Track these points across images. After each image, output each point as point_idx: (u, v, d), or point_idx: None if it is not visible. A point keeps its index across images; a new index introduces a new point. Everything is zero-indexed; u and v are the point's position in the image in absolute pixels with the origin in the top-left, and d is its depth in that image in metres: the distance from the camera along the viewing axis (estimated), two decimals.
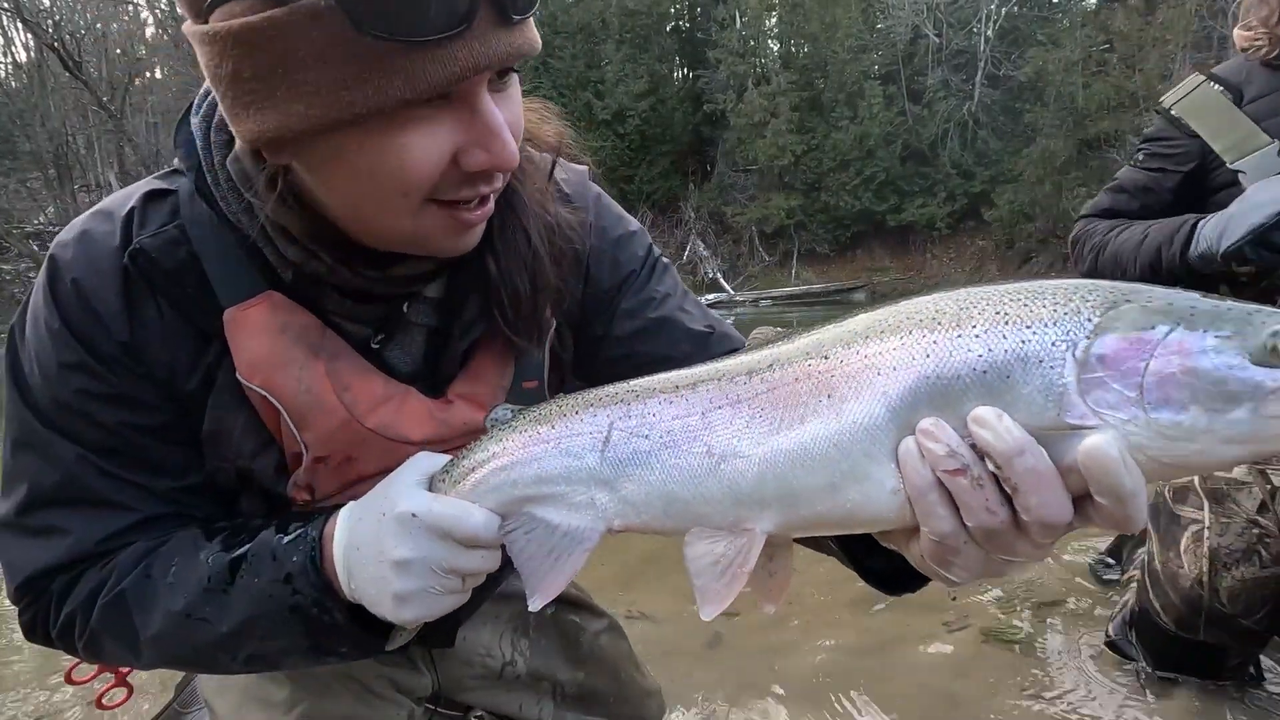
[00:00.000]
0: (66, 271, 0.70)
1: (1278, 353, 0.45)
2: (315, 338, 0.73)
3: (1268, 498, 1.54)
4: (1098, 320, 0.48)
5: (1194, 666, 1.69)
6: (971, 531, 0.50)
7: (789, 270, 23.12)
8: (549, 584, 0.63)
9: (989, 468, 0.49)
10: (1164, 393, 0.46)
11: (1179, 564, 1.65)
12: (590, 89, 22.60)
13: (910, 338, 0.52)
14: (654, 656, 1.99)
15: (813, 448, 0.54)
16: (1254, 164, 1.47)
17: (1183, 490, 1.69)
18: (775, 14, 23.96)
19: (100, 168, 24.15)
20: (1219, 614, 1.60)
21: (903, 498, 0.52)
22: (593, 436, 0.63)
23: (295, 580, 0.68)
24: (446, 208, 0.65)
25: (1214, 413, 0.45)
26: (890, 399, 0.52)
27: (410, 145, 0.59)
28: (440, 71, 0.55)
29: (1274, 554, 1.55)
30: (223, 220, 0.70)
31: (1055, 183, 19.39)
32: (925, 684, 1.81)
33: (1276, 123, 1.48)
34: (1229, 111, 1.52)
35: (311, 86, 0.55)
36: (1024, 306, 0.50)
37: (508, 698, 1.20)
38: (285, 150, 0.62)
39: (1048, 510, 0.48)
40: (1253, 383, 0.45)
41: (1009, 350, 0.49)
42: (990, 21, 22.48)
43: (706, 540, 0.60)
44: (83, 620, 0.72)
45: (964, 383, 0.50)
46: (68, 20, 22.44)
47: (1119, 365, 0.47)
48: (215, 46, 0.57)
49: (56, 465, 0.72)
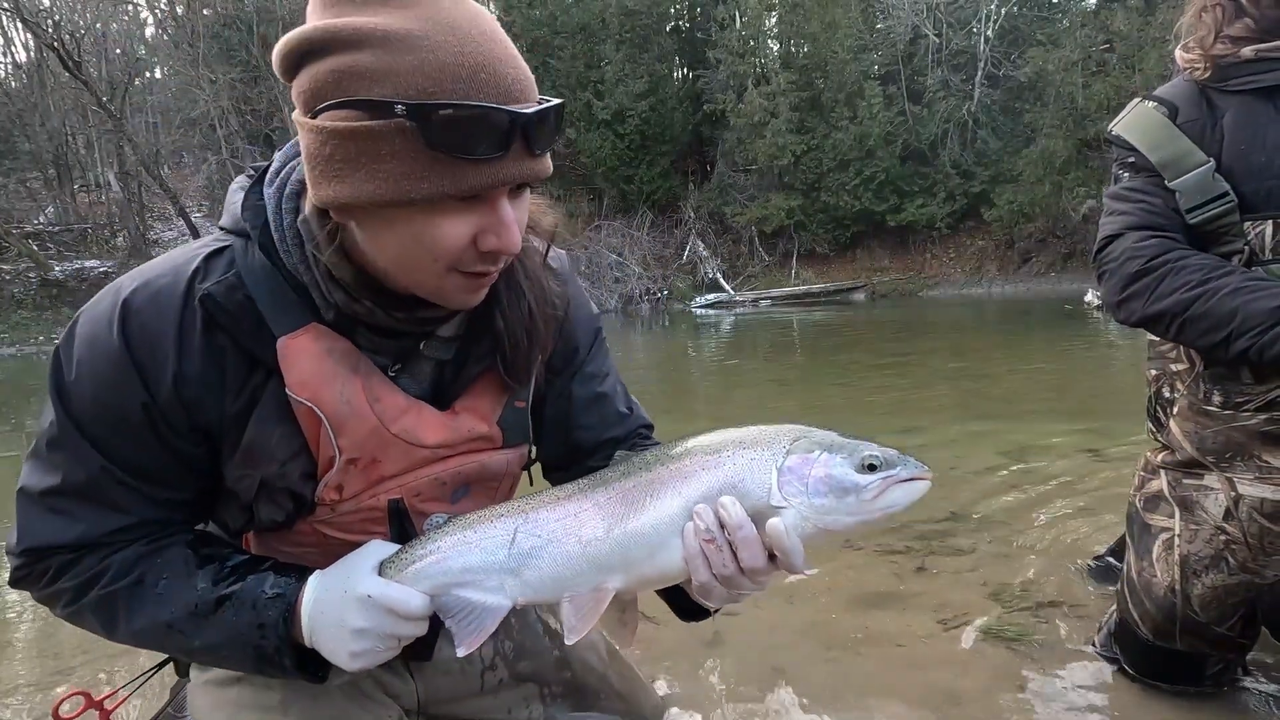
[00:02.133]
0: (137, 315, 0.85)
1: (871, 468, 0.82)
2: (353, 360, 0.91)
3: (1232, 505, 1.53)
4: (788, 448, 0.85)
5: (1174, 675, 1.69)
6: (717, 578, 0.84)
7: (789, 270, 23.10)
8: (472, 641, 0.89)
9: (726, 537, 0.82)
10: (815, 487, 0.82)
11: (1153, 573, 1.65)
12: (590, 89, 22.58)
13: (694, 460, 0.88)
14: (654, 656, 1.99)
15: (641, 531, 0.87)
16: (1190, 184, 1.46)
17: (1154, 499, 1.68)
18: (775, 14, 23.93)
19: (100, 168, 24.15)
20: (1193, 622, 1.60)
21: (683, 560, 0.85)
22: (503, 538, 0.90)
23: (266, 630, 0.88)
24: (463, 275, 0.84)
25: (839, 498, 0.82)
26: (683, 498, 0.86)
27: (444, 226, 0.79)
28: (478, 181, 0.76)
29: (1240, 561, 1.54)
30: (277, 269, 0.87)
31: (1055, 183, 19.38)
32: (925, 683, 1.81)
33: (1207, 143, 1.46)
34: (1166, 129, 1.50)
35: (384, 175, 0.75)
36: (753, 439, 0.87)
37: (494, 703, 1.23)
38: (352, 214, 0.80)
39: (755, 562, 0.83)
40: (855, 482, 0.82)
41: (744, 465, 0.85)
42: (990, 21, 22.47)
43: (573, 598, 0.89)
44: (71, 598, 0.90)
45: (720, 486, 0.85)
46: (68, 20, 22.42)
47: (796, 472, 0.83)
48: (320, 136, 0.76)
49: (84, 468, 0.87)
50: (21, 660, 2.28)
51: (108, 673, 2.13)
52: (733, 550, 0.82)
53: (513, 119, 0.74)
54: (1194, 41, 1.52)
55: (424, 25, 0.73)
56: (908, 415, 5.05)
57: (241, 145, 22.51)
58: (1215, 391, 1.53)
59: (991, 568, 2.46)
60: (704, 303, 21.64)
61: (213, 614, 0.88)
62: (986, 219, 21.19)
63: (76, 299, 20.27)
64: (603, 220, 23.26)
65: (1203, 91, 1.50)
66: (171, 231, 24.34)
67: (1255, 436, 1.49)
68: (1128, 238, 1.50)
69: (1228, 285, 1.37)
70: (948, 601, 2.23)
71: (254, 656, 0.89)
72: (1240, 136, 1.44)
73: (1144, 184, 1.53)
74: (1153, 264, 1.45)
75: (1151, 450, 1.74)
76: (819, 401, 6.36)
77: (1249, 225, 1.43)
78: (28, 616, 2.62)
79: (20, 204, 22.81)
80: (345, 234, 0.83)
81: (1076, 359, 8.02)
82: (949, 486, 3.41)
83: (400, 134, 0.73)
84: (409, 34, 0.72)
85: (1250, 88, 1.45)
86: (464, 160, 0.74)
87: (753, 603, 2.27)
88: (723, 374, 8.90)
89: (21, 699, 2.04)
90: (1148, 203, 1.51)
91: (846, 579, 2.44)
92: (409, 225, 0.78)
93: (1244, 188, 1.42)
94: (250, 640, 0.88)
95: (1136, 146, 1.52)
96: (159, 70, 27.57)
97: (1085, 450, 3.87)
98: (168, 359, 0.85)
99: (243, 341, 0.87)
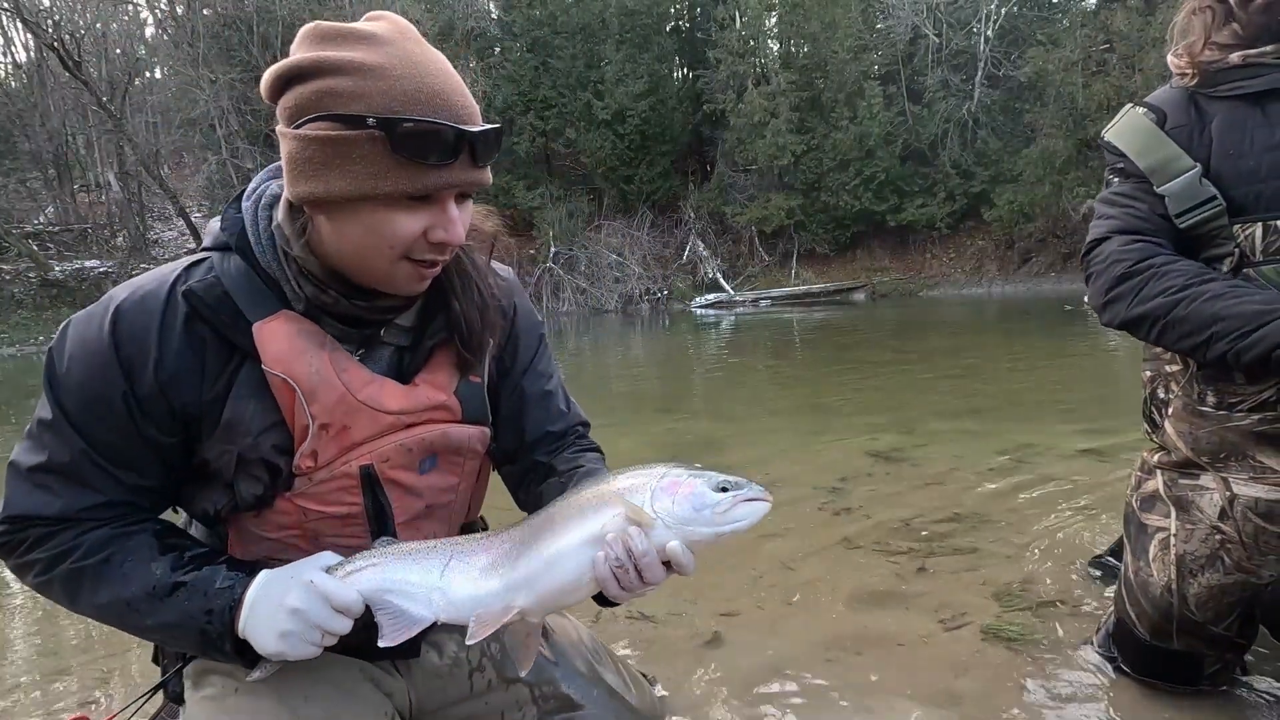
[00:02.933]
0: (125, 315, 0.97)
1: (724, 489, 0.98)
2: (320, 338, 1.02)
3: (1227, 504, 1.54)
4: (661, 475, 1.01)
5: (1171, 675, 1.68)
6: (622, 587, 0.97)
7: (789, 270, 23.10)
8: (396, 636, 1.00)
9: (633, 562, 0.96)
10: (679, 503, 0.98)
11: (1149, 573, 1.65)
12: (590, 89, 22.56)
13: (585, 495, 1.03)
14: (654, 656, 1.99)
15: (547, 559, 1.01)
16: (1178, 189, 1.48)
17: (1150, 499, 1.68)
18: (775, 14, 23.92)
19: (100, 167, 24.13)
20: (1190, 621, 1.60)
21: (593, 582, 0.99)
22: (439, 561, 1.04)
23: (213, 616, 0.97)
24: (412, 264, 0.98)
25: (697, 511, 0.98)
26: (583, 530, 1.00)
27: (400, 220, 0.94)
28: (431, 182, 0.92)
29: (1235, 560, 1.54)
30: (252, 269, 1.00)
31: (1055, 183, 19.37)
32: (925, 683, 1.81)
33: (1196, 148, 1.48)
34: (1154, 135, 1.52)
35: (354, 175, 0.90)
36: (634, 473, 1.03)
37: (487, 708, 1.25)
38: (322, 209, 0.95)
39: (657, 577, 0.97)
40: (711, 500, 0.98)
41: (625, 488, 1.01)
42: (990, 21, 22.47)
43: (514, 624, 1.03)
44: (42, 570, 0.99)
45: (610, 511, 1.00)
46: (68, 20, 22.40)
47: (667, 492, 0.99)
48: (301, 142, 0.91)
49: (67, 449, 0.97)
50: (21, 660, 2.28)
51: (106, 672, 2.13)
52: (638, 571, 0.96)
53: (460, 134, 0.92)
54: (1183, 48, 1.54)
55: (392, 60, 0.91)
56: (908, 415, 5.05)
57: (241, 145, 22.48)
58: (1209, 392, 1.54)
59: (992, 568, 2.46)
60: (704, 303, 21.64)
61: (168, 597, 0.98)
62: (986, 219, 21.18)
63: (76, 299, 20.26)
64: (603, 220, 23.25)
65: (1192, 97, 1.52)
66: (171, 231, 24.34)
67: (1249, 436, 1.50)
68: (1114, 241, 1.53)
69: (1210, 290, 1.39)
70: (948, 601, 2.23)
71: (199, 640, 0.99)
72: (1228, 141, 1.46)
73: (1132, 189, 1.55)
74: (1137, 268, 1.47)
75: (1148, 451, 1.74)
76: (819, 401, 6.36)
77: (1238, 228, 1.45)
78: (28, 616, 2.62)
79: (20, 204, 22.77)
80: (313, 229, 0.97)
81: (1076, 359, 8.02)
82: (949, 486, 3.41)
83: (370, 142, 0.89)
84: (380, 65, 0.90)
85: (1238, 93, 1.47)
86: (421, 165, 0.90)
87: (753, 603, 2.28)
88: (723, 374, 8.90)
89: (22, 699, 2.04)
90: (1134, 208, 1.54)
91: (846, 579, 2.44)
92: (370, 218, 0.93)
93: (1233, 192, 1.45)
94: (198, 624, 0.98)
95: (1125, 153, 1.55)
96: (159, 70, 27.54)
97: (1086, 450, 3.87)
98: (151, 349, 0.96)
99: (222, 330, 0.99)
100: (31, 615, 2.62)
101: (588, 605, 1.22)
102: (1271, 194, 1.42)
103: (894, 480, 3.56)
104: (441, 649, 1.26)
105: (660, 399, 7.19)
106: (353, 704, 1.12)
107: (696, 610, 2.23)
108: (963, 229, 22.36)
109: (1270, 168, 1.42)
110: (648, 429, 5.35)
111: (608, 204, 23.56)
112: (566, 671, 1.31)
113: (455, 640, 1.28)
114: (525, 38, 23.31)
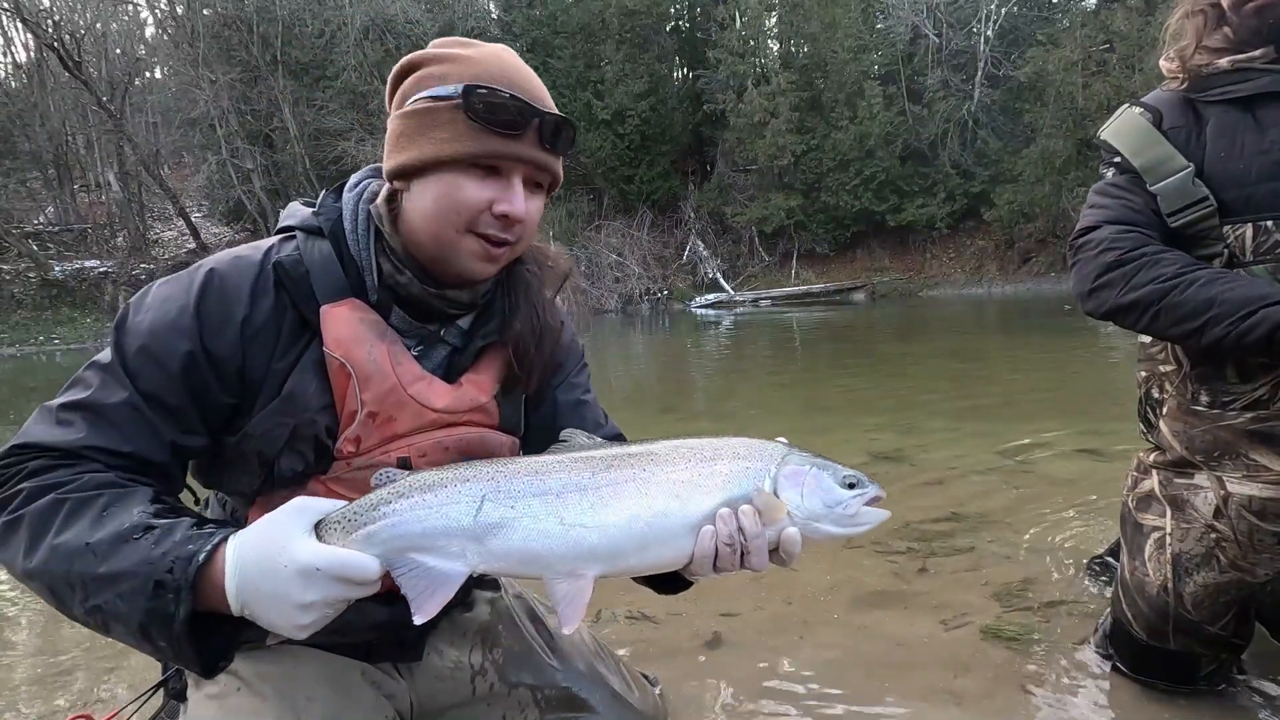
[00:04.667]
0: (218, 274, 1.02)
1: (850, 486, 0.97)
2: (381, 329, 1.06)
3: (1221, 503, 1.54)
4: (780, 461, 0.97)
5: (1168, 675, 1.68)
6: (717, 567, 0.95)
7: (789, 270, 23.12)
8: (430, 607, 0.89)
9: (742, 541, 0.93)
10: (808, 498, 0.95)
11: (1145, 572, 1.65)
12: (590, 89, 22.59)
13: (691, 467, 0.96)
14: (654, 656, 1.99)
15: (636, 526, 0.91)
16: (1170, 189, 1.49)
17: (1146, 498, 1.68)
18: (775, 14, 23.94)
19: (100, 168, 24.13)
20: (1186, 621, 1.60)
21: (690, 555, 0.94)
22: (469, 504, 0.89)
23: (175, 566, 0.83)
24: (478, 239, 1.03)
25: (828, 509, 0.95)
26: (691, 504, 0.93)
27: (470, 187, 1.01)
28: (499, 149, 1.00)
29: (1230, 559, 1.55)
30: (337, 255, 1.07)
31: (1055, 183, 19.39)
32: (925, 683, 1.81)
33: (1191, 149, 1.50)
34: (1150, 134, 1.54)
35: (435, 141, 1.00)
36: (746, 451, 0.98)
37: (489, 711, 1.26)
38: (409, 178, 1.03)
39: (762, 563, 0.96)
40: (840, 497, 0.96)
41: (740, 474, 0.96)
42: (990, 21, 22.48)
43: (560, 583, 0.90)
44: (21, 502, 0.88)
45: (725, 495, 0.94)
46: (67, 20, 22.41)
47: (793, 482, 0.96)
48: (400, 120, 1.04)
49: (110, 391, 0.95)
50: (21, 660, 2.28)
51: (106, 672, 2.13)
52: (743, 552, 0.93)
53: (527, 108, 1.00)
54: (1175, 52, 1.57)
55: (482, 54, 1.04)
56: (908, 415, 5.05)
57: (241, 145, 22.49)
58: (1202, 391, 1.55)
59: (992, 568, 2.46)
60: (704, 303, 21.65)
61: (134, 539, 0.84)
62: (986, 219, 21.20)
63: (76, 299, 20.28)
64: (603, 220, 23.27)
65: (1188, 99, 1.54)
66: (171, 231, 24.35)
67: (1242, 435, 1.50)
68: (1105, 230, 1.55)
69: (1203, 277, 1.41)
70: (948, 601, 2.23)
71: (147, 600, 0.82)
72: (1220, 144, 1.48)
73: (1127, 183, 1.57)
74: (1129, 255, 1.49)
75: (1143, 450, 1.75)
76: (819, 401, 6.36)
77: (1229, 229, 1.47)
78: (28, 616, 2.62)
79: (20, 204, 22.76)
80: (400, 205, 1.06)
81: (1076, 359, 8.02)
82: (949, 486, 3.41)
83: (451, 110, 0.99)
84: (470, 57, 1.03)
85: (1229, 97, 1.49)
86: (491, 132, 0.99)
87: (753, 603, 2.28)
88: (723, 373, 8.90)
89: (21, 699, 2.04)
90: (1127, 199, 1.55)
91: (847, 579, 2.44)
92: (445, 183, 1.01)
93: (1224, 194, 1.46)
94: (153, 573, 0.82)
95: (1121, 151, 1.57)
96: (159, 70, 27.55)
97: (1085, 450, 3.87)
98: (241, 307, 1.01)
99: (299, 303, 1.04)
100: (32, 615, 2.62)
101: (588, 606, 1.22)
102: (1262, 196, 1.43)
103: (894, 480, 3.55)
104: (443, 652, 1.26)
105: (661, 399, 7.19)
106: (354, 706, 1.12)
107: (696, 610, 2.23)
108: (963, 229, 22.37)
109: (1260, 171, 1.44)
110: (649, 429, 5.34)
111: (608, 204, 23.59)
112: (568, 673, 1.31)
113: (456, 644, 1.29)
114: (525, 38, 23.31)
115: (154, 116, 25.70)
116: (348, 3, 22.00)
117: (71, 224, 23.31)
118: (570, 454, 0.96)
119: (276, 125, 22.96)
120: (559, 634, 1.37)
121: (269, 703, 1.07)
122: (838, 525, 0.95)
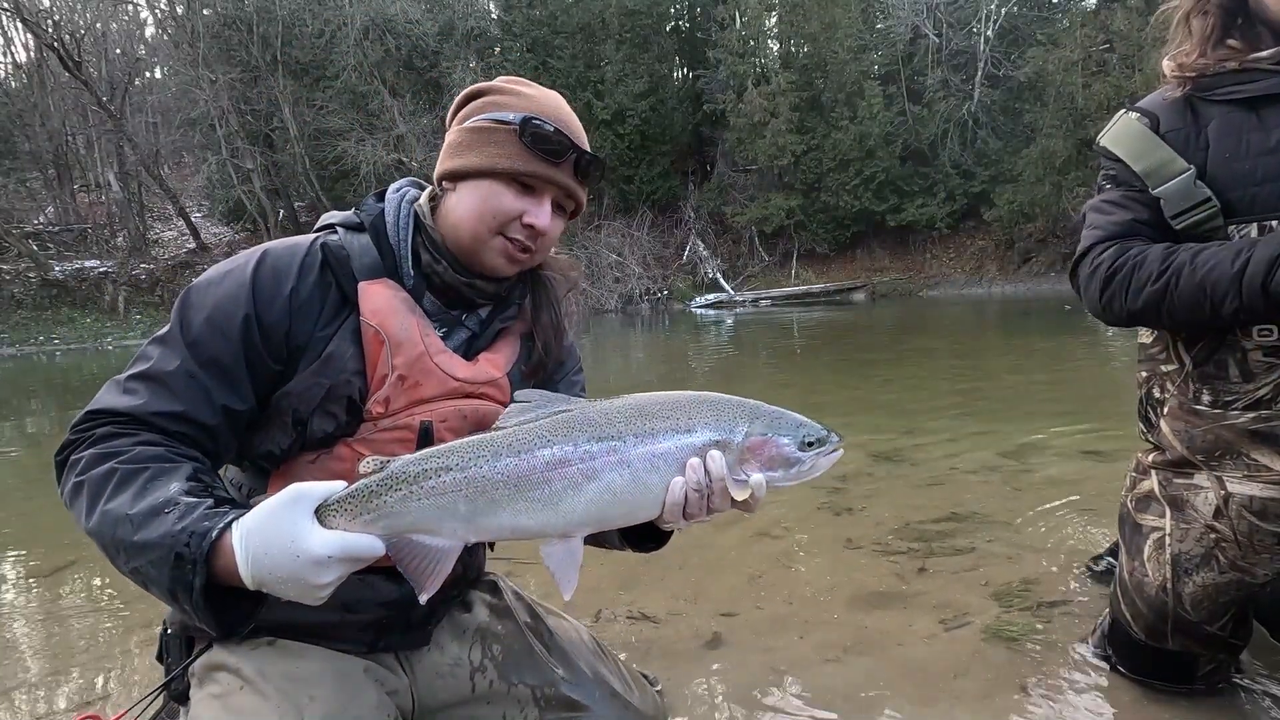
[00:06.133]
0: (272, 254, 1.17)
1: (808, 446, 1.06)
2: (411, 305, 1.20)
3: (1221, 503, 1.54)
4: (747, 427, 1.06)
5: (1166, 675, 1.69)
6: (687, 514, 1.04)
7: (789, 270, 23.12)
8: (431, 583, 0.97)
9: (707, 483, 1.02)
10: (768, 463, 1.05)
11: (1144, 572, 1.65)
12: (590, 89, 22.58)
13: (664, 423, 1.05)
14: (654, 656, 1.99)
15: (619, 489, 0.99)
16: (1172, 191, 1.50)
17: (1145, 498, 1.69)
18: (775, 14, 23.94)
19: (100, 168, 24.14)
20: (1185, 621, 1.60)
21: (662, 505, 1.03)
22: (465, 491, 0.95)
23: (191, 540, 0.91)
24: (505, 241, 1.20)
25: (786, 469, 1.06)
26: (663, 459, 1.02)
27: (508, 196, 1.18)
28: (540, 171, 1.18)
29: (1230, 559, 1.55)
30: (376, 247, 1.21)
31: (1055, 183, 19.40)
32: (925, 682, 1.81)
33: (1192, 151, 1.50)
34: (1148, 139, 1.54)
35: (488, 154, 1.18)
36: (713, 406, 1.09)
37: (489, 710, 1.28)
38: (457, 180, 1.21)
39: (723, 506, 1.05)
40: (797, 456, 1.06)
41: (712, 429, 1.06)
42: (990, 21, 22.48)
43: (553, 546, 0.99)
44: (85, 467, 1.00)
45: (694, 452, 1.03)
46: (67, 20, 22.42)
47: (755, 451, 1.05)
48: (461, 132, 1.21)
49: (171, 361, 1.08)
50: (21, 660, 2.28)
51: (106, 672, 2.13)
52: (708, 498, 1.03)
53: (570, 144, 1.20)
54: (1179, 53, 1.56)
55: (540, 94, 1.23)
56: (908, 415, 5.05)
57: (241, 145, 22.49)
58: (1204, 391, 1.55)
59: (992, 568, 2.46)
60: (704, 302, 21.65)
61: (165, 513, 0.94)
62: (986, 219, 21.20)
63: (76, 299, 20.27)
64: (603, 220, 23.25)
65: (1188, 101, 1.54)
66: (171, 231, 24.36)
67: (1243, 435, 1.50)
68: (1094, 250, 1.58)
69: (1183, 269, 1.42)
70: (948, 601, 2.23)
71: (171, 568, 0.91)
72: (1224, 145, 1.48)
73: (1120, 197, 1.58)
74: (1117, 264, 1.51)
75: (1143, 451, 1.75)
76: (819, 401, 6.36)
77: (1234, 229, 1.47)
78: (28, 616, 2.62)
79: (20, 204, 22.77)
80: (443, 203, 1.22)
81: (1076, 359, 8.02)
82: (949, 486, 3.41)
83: (508, 133, 1.17)
84: (531, 95, 1.22)
85: (1233, 97, 1.49)
86: (538, 158, 1.17)
87: (753, 603, 2.28)
88: (723, 374, 8.90)
89: (22, 699, 2.04)
90: (1116, 215, 1.57)
91: (846, 579, 2.44)
92: (488, 189, 1.17)
93: (1229, 194, 1.46)
94: (179, 543, 0.91)
95: (1121, 158, 1.58)
96: (159, 70, 27.55)
97: (1085, 450, 3.87)
98: (290, 279, 1.14)
99: (340, 279, 1.17)
100: (33, 615, 2.62)
101: (588, 606, 1.22)
102: (1266, 196, 1.43)
103: (894, 480, 3.56)
104: (444, 648, 1.29)
105: None
106: (357, 704, 1.13)
107: (696, 610, 2.23)
108: (963, 229, 22.37)
109: (1265, 171, 1.44)
110: None
111: (607, 204, 23.56)
112: (568, 673, 1.32)
113: (457, 640, 1.31)
114: (525, 38, 23.32)
115: (154, 116, 25.70)
116: (348, 3, 21.99)
117: (71, 224, 23.31)
118: (547, 421, 1.01)
119: (276, 125, 22.95)
120: (559, 634, 1.39)
121: (271, 701, 1.08)
122: (791, 480, 1.06)
